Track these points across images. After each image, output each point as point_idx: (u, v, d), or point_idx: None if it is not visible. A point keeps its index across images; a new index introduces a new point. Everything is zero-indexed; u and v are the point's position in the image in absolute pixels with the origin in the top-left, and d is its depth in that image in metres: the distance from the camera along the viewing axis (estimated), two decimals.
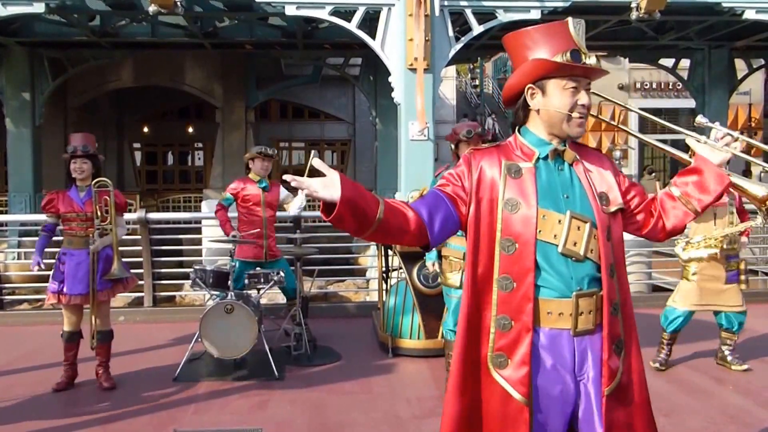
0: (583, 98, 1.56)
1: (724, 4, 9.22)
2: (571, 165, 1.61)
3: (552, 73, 1.55)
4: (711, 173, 1.60)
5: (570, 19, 1.58)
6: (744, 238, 4.03)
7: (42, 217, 3.89)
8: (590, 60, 1.55)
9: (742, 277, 3.94)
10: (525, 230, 1.54)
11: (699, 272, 3.90)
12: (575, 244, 1.54)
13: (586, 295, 1.54)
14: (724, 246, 3.85)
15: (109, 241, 3.70)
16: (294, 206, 4.32)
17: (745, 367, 4.03)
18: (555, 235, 1.54)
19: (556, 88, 1.56)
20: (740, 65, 13.88)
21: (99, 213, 3.64)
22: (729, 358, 4.07)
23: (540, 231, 1.54)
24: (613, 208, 1.60)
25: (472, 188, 1.59)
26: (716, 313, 4.04)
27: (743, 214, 3.95)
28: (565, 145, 1.61)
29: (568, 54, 1.53)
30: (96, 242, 3.63)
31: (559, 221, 1.55)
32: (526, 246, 1.54)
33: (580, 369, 1.55)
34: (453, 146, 3.54)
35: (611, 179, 1.62)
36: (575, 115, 1.56)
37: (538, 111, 1.59)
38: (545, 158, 1.60)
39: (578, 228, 1.55)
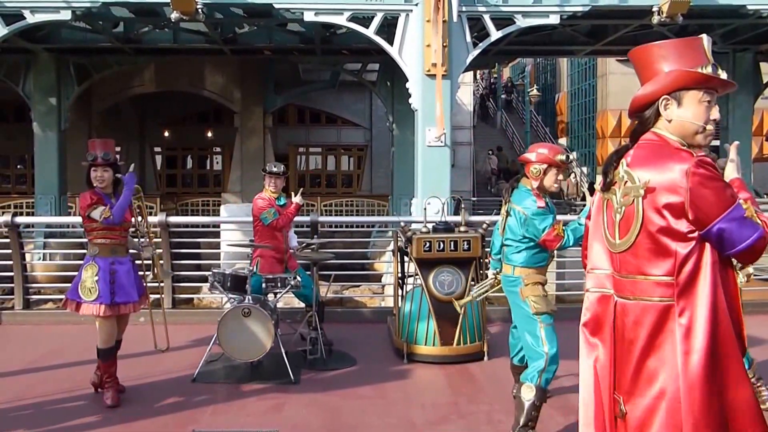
0: (715, 113, 1.63)
1: (749, 7, 9.05)
2: None
3: (691, 85, 1.59)
4: None
5: (704, 36, 1.64)
6: None
7: (67, 219, 4.01)
8: (723, 74, 1.60)
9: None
10: None
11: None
12: None
13: None
14: None
15: (149, 244, 3.87)
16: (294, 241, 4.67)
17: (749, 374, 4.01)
18: None
19: (693, 100, 1.60)
20: (765, 69, 13.60)
21: (141, 222, 3.78)
22: None
23: None
24: None
25: None
26: None
27: None
28: None
29: (709, 67, 1.57)
30: (151, 248, 3.78)
31: None
32: None
33: None
34: (539, 169, 3.01)
35: None
36: (709, 127, 1.62)
37: (670, 121, 1.63)
38: None
39: None
